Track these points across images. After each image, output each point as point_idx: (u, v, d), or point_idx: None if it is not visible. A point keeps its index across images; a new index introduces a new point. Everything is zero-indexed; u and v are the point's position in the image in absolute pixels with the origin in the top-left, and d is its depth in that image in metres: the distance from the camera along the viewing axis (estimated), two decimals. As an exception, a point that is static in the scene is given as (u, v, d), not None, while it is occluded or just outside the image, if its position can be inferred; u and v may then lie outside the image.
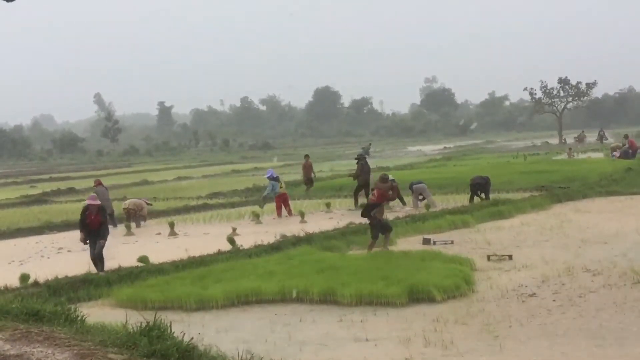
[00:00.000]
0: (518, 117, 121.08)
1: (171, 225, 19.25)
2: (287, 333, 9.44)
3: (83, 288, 12.31)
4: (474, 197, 22.36)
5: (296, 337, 9.23)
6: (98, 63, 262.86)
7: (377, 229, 14.88)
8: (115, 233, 19.39)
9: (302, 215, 20.34)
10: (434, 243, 15.46)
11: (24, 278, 12.45)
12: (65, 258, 15.96)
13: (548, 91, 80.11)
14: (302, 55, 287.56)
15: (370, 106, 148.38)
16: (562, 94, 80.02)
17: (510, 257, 13.48)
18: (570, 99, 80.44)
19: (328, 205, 22.74)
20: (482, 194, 22.49)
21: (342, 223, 18.36)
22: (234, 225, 19.04)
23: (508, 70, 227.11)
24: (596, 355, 8.02)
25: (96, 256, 13.68)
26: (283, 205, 22.11)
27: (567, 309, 9.92)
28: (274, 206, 22.23)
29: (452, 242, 15.57)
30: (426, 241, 15.61)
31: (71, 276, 12.86)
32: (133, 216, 21.18)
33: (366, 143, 68.65)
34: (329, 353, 8.56)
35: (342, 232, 16.68)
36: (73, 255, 16.10)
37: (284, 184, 23.52)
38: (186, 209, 24.34)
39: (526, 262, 13.06)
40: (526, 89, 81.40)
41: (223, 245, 15.24)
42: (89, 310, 9.83)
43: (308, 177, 28.36)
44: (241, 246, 15.06)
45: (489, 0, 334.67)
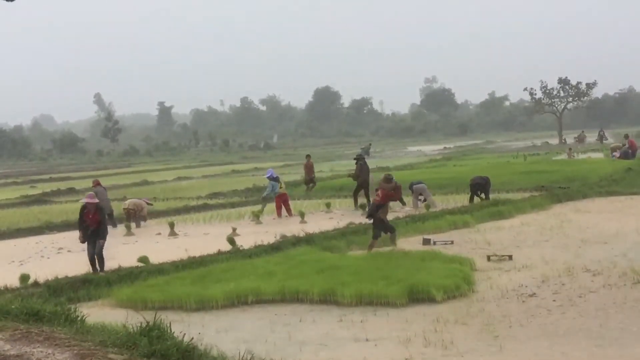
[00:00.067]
0: (518, 117, 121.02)
1: (171, 225, 19.26)
2: (287, 333, 9.44)
3: (83, 288, 12.31)
4: (474, 197, 22.36)
5: (296, 337, 9.23)
6: (98, 63, 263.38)
7: (380, 229, 14.91)
8: (115, 233, 19.42)
9: (302, 215, 20.34)
10: (434, 243, 15.46)
11: (24, 278, 12.45)
12: (65, 258, 15.97)
13: (548, 91, 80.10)
14: (302, 55, 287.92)
15: (370, 106, 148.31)
16: (562, 94, 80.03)
17: (510, 257, 13.48)
18: (570, 99, 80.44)
19: (328, 205, 22.75)
20: (482, 194, 22.50)
21: (342, 223, 18.37)
22: (234, 225, 19.04)
23: (508, 70, 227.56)
24: (596, 355, 8.02)
25: (96, 256, 13.71)
26: (283, 205, 22.11)
27: (567, 309, 9.92)
28: (274, 206, 22.24)
29: (452, 242, 15.57)
30: (426, 241, 15.62)
31: (71, 276, 12.87)
32: (133, 216, 21.19)
33: (366, 143, 68.64)
34: (329, 353, 8.56)
35: (342, 232, 16.68)
36: (73, 255, 16.09)
37: (284, 184, 23.53)
38: (186, 209, 24.34)
39: (526, 262, 13.06)
40: (526, 89, 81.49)
41: (223, 245, 15.25)
42: (89, 310, 9.82)
43: (310, 177, 28.51)
44: (241, 246, 15.06)
45: (489, 0, 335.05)
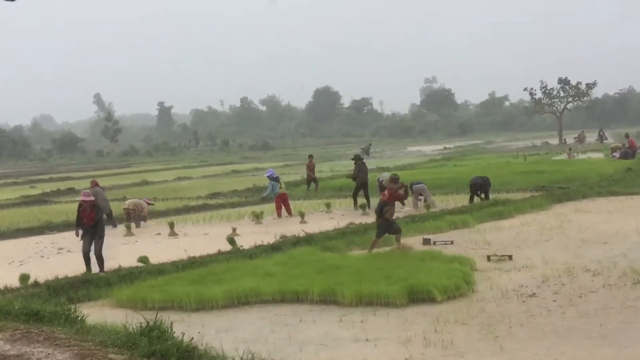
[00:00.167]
0: (518, 118, 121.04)
1: (171, 225, 19.25)
2: (287, 333, 9.43)
3: (83, 288, 12.31)
4: (474, 198, 22.37)
5: (296, 337, 9.23)
6: (98, 63, 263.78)
7: (383, 229, 14.91)
8: (115, 233, 19.43)
9: (302, 215, 20.34)
10: (434, 243, 15.46)
11: (24, 278, 12.44)
12: (65, 258, 15.96)
13: (548, 91, 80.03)
14: (302, 55, 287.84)
15: (370, 106, 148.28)
16: (562, 94, 79.96)
17: (510, 257, 13.48)
18: (570, 99, 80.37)
19: (328, 205, 22.75)
20: (482, 194, 22.50)
21: (342, 223, 18.36)
22: (234, 225, 19.04)
23: (508, 70, 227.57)
24: (596, 355, 8.01)
25: (96, 256, 13.74)
26: (283, 205, 22.11)
27: (567, 309, 9.92)
28: (274, 206, 22.24)
29: (452, 242, 15.57)
30: (426, 241, 15.62)
31: (71, 276, 12.87)
32: (133, 216, 21.18)
33: (366, 143, 68.64)
34: (329, 353, 8.56)
35: (342, 232, 16.67)
36: (73, 255, 16.07)
37: (284, 184, 23.54)
38: (186, 209, 24.33)
39: (526, 262, 13.06)
40: (526, 89, 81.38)
41: (223, 245, 15.25)
42: (89, 310, 9.82)
43: (312, 177, 28.73)
44: (241, 246, 15.06)
45: (489, 0, 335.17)
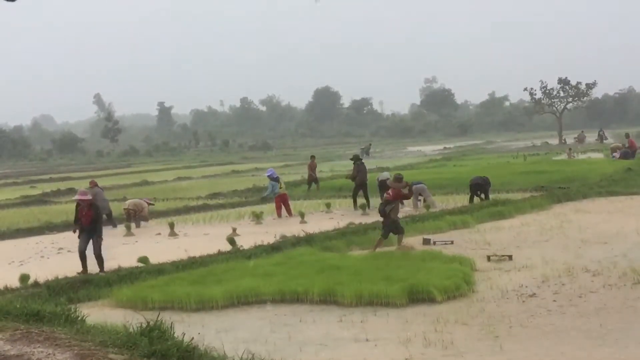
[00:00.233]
0: (518, 118, 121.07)
1: (171, 225, 19.25)
2: (287, 333, 9.43)
3: (83, 288, 12.31)
4: (474, 198, 22.37)
5: (296, 338, 9.22)
6: (98, 63, 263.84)
7: (389, 229, 14.94)
8: (115, 233, 19.44)
9: (302, 215, 20.35)
10: (434, 243, 15.46)
11: (24, 278, 12.44)
12: (65, 258, 15.95)
13: (548, 91, 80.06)
14: (302, 55, 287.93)
15: (370, 106, 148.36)
16: (562, 94, 79.99)
17: (510, 258, 13.48)
18: (570, 99, 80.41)
19: (328, 205, 22.75)
20: (482, 194, 22.50)
21: (342, 223, 18.36)
22: (234, 225, 19.04)
23: (508, 70, 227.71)
24: (596, 355, 8.01)
25: (95, 256, 13.74)
26: (283, 205, 22.11)
27: (567, 309, 9.92)
28: (274, 206, 22.24)
29: (452, 243, 15.57)
30: (426, 241, 15.62)
31: (71, 276, 12.88)
32: (133, 217, 21.18)
33: (366, 143, 68.68)
34: (329, 353, 8.55)
35: (342, 233, 16.67)
36: (73, 255, 16.00)
37: (284, 184, 23.54)
38: (186, 210, 24.33)
39: (526, 263, 13.06)
40: (526, 89, 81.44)
41: (223, 245, 15.25)
42: (89, 310, 9.83)
43: (313, 177, 28.88)
44: (241, 246, 15.06)
45: (489, 0, 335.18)
